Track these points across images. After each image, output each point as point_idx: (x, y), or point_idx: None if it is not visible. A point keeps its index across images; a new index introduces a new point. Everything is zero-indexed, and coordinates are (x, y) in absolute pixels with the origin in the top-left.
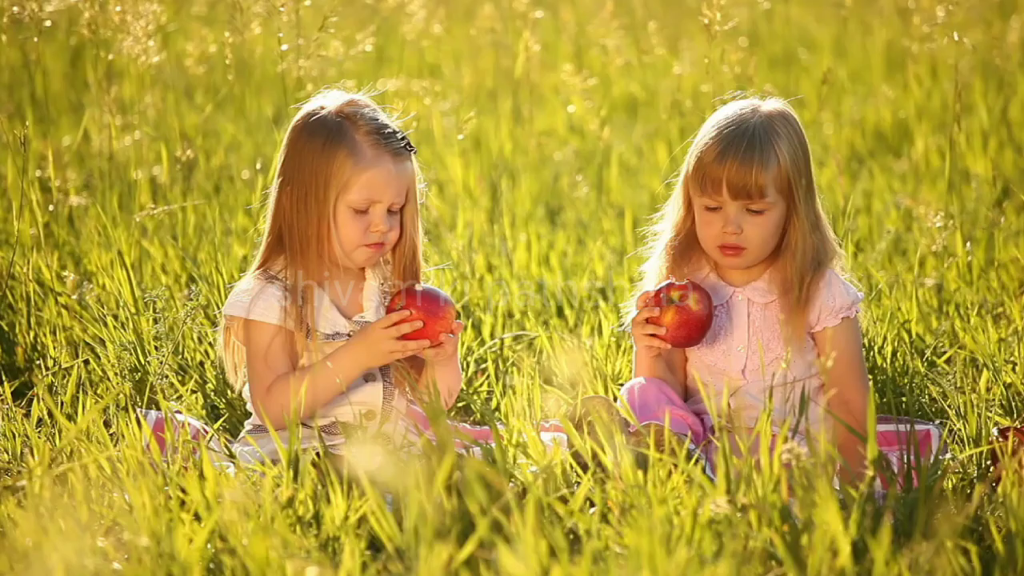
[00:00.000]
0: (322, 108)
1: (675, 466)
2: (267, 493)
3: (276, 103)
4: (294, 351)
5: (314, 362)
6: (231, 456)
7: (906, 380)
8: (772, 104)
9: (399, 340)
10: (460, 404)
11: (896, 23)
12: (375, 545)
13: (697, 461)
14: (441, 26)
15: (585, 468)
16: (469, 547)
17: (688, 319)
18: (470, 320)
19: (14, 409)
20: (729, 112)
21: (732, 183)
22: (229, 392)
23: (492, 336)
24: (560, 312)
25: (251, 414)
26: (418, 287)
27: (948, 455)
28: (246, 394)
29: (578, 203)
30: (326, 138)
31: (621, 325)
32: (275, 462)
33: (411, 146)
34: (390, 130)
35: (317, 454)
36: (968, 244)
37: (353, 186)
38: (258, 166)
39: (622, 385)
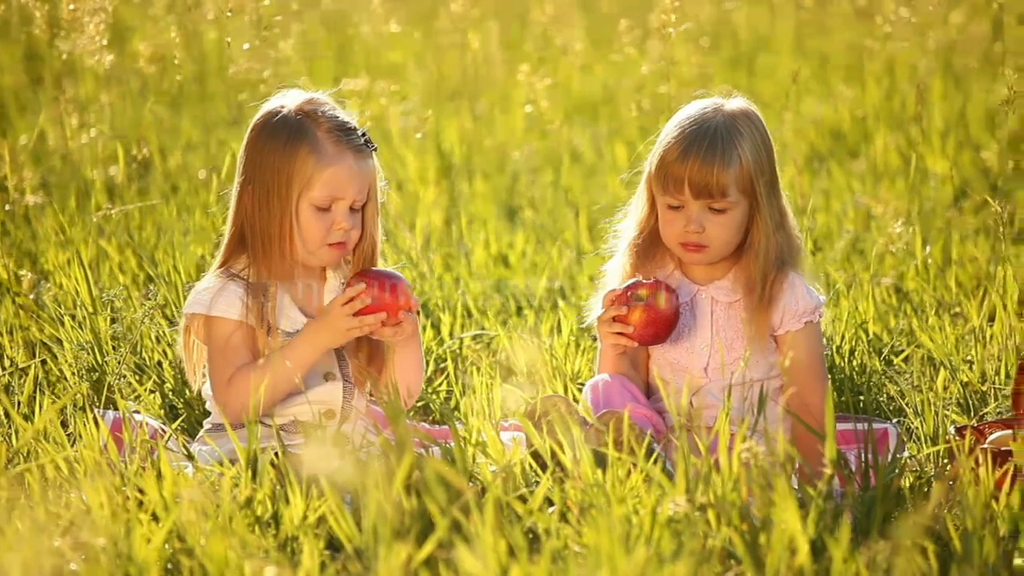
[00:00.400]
0: (282, 107)
1: (634, 465)
2: (225, 493)
3: (232, 103)
4: (255, 347)
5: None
6: (189, 456)
7: (864, 379)
8: (736, 103)
9: (356, 317)
10: (419, 404)
11: (855, 23)
12: (334, 545)
13: (657, 459)
14: (400, 26)
15: (544, 467)
16: (428, 547)
17: (656, 318)
18: (429, 320)
19: None
20: (692, 111)
21: (694, 182)
22: (187, 392)
23: (451, 335)
24: (519, 311)
25: (209, 414)
26: (373, 269)
27: (906, 454)
28: (205, 393)
29: (537, 202)
30: (287, 136)
31: (583, 324)
32: (233, 462)
33: (372, 143)
34: (351, 127)
35: (276, 454)
36: (928, 247)
37: (315, 183)
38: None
39: (582, 384)
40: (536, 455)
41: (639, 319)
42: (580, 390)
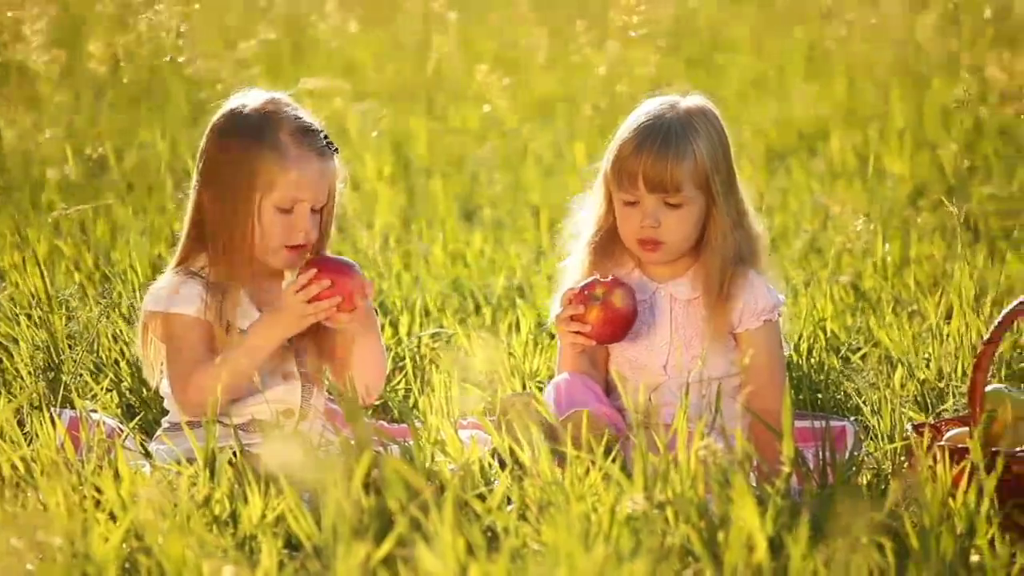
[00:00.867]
0: (243, 107)
1: (593, 463)
2: (183, 492)
3: (186, 102)
4: (213, 345)
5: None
6: (147, 455)
7: (822, 377)
8: (692, 100)
9: (311, 303)
10: (378, 402)
11: (817, 23)
12: (292, 544)
13: (615, 458)
14: (359, 25)
15: (504, 465)
16: (387, 545)
17: (613, 316)
18: (387, 319)
19: None
20: (648, 107)
21: (648, 176)
22: (145, 391)
23: (409, 334)
24: (477, 310)
25: (167, 412)
26: (324, 256)
27: (863, 451)
28: (163, 392)
29: (495, 202)
30: (249, 137)
31: (542, 325)
32: (191, 460)
33: (333, 145)
34: (313, 129)
35: (234, 453)
36: (887, 245)
37: (278, 185)
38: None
39: (540, 382)
40: (496, 453)
41: (596, 318)
42: (539, 388)
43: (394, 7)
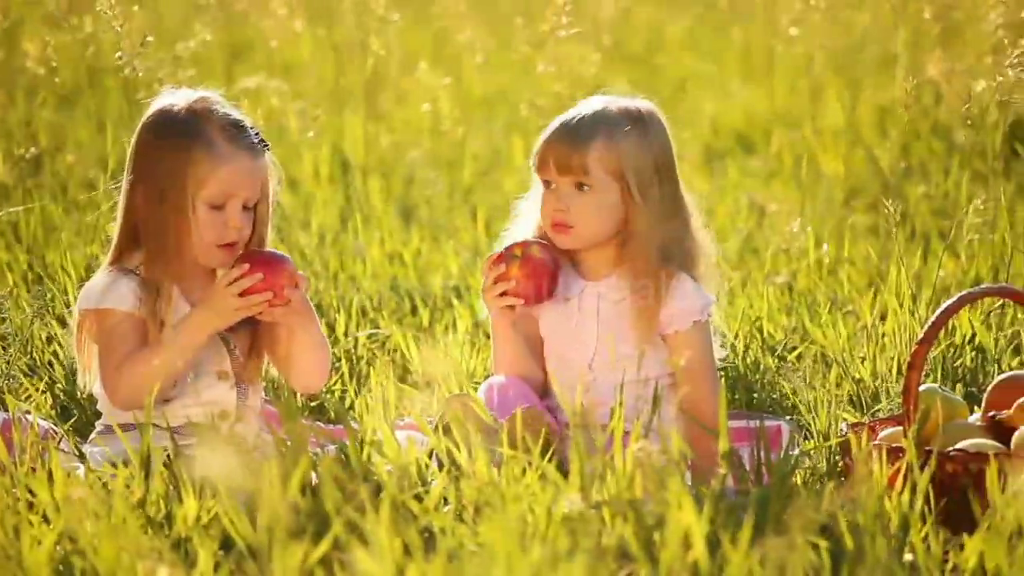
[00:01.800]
0: (173, 105)
1: (529, 463)
2: (118, 494)
3: (121, 102)
4: (147, 342)
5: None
6: (81, 457)
7: (757, 376)
8: (631, 100)
9: (242, 297)
10: (313, 404)
11: (758, 21)
12: (228, 545)
13: (552, 457)
14: (301, 24)
15: (441, 466)
16: (323, 546)
17: (535, 269)
18: (324, 319)
19: None
20: (580, 102)
21: (556, 157)
22: (79, 393)
23: (346, 334)
24: (414, 310)
25: (101, 414)
26: (256, 250)
27: (799, 451)
28: (96, 392)
29: (433, 201)
30: (180, 135)
31: (479, 326)
32: (126, 462)
33: (265, 142)
34: (244, 125)
35: (169, 454)
36: (825, 246)
37: (209, 182)
38: (105, 166)
39: (477, 383)
40: (433, 454)
41: (518, 272)
42: (475, 389)
43: (333, 6)
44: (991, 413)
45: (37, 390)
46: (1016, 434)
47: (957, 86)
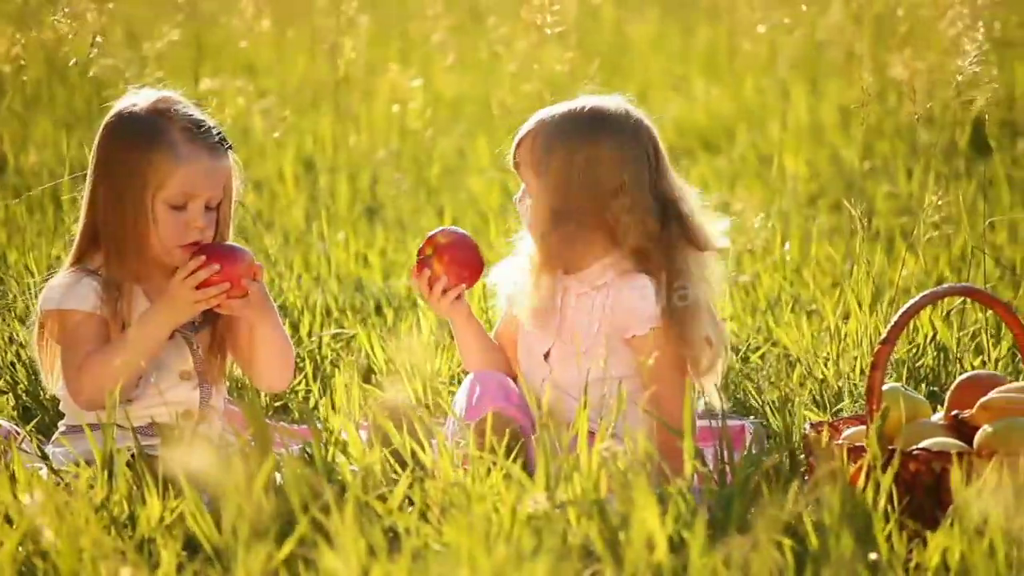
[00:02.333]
0: (135, 105)
1: (494, 463)
2: (81, 494)
3: (86, 101)
4: (108, 341)
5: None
6: (44, 457)
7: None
8: (601, 99)
9: (200, 289)
10: (278, 404)
11: (725, 21)
12: (192, 546)
13: (517, 457)
14: (269, 23)
15: (405, 466)
16: (288, 546)
17: (452, 254)
18: (287, 320)
19: None
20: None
21: (514, 155)
22: (41, 393)
23: (310, 335)
24: (379, 310)
25: (64, 415)
26: (212, 243)
27: (763, 450)
28: (59, 393)
29: (399, 201)
30: (141, 135)
31: (443, 326)
32: (89, 463)
33: (227, 142)
34: (206, 126)
35: (132, 455)
36: (787, 244)
37: (169, 182)
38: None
39: (441, 382)
40: (396, 454)
41: (441, 266)
42: (441, 386)
43: (304, 6)
44: (954, 412)
45: None
46: (978, 433)
47: (920, 86)
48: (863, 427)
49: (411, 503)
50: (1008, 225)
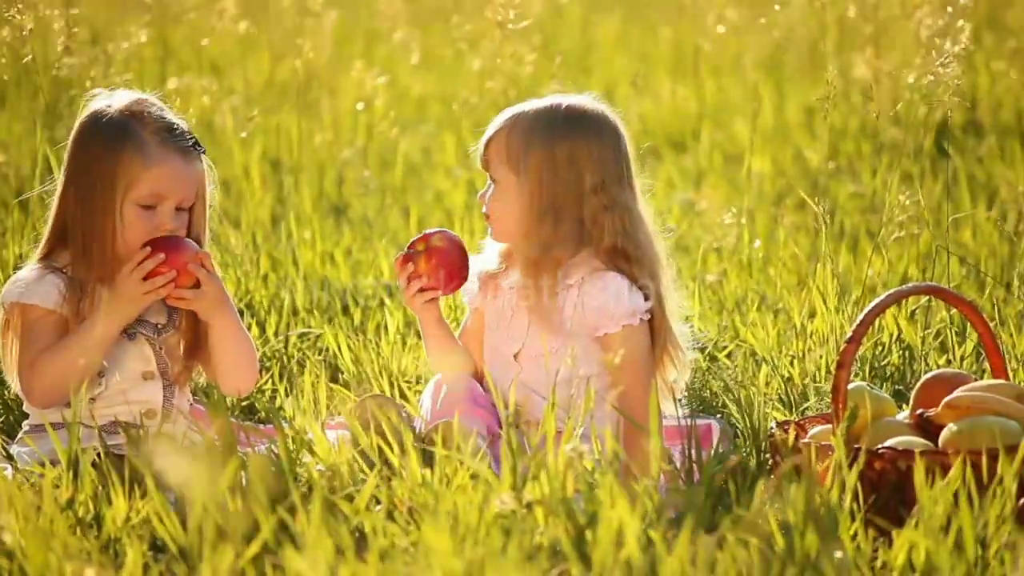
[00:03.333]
0: (108, 107)
1: (461, 463)
2: (46, 494)
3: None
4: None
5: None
6: (9, 457)
7: (688, 375)
8: (568, 95)
9: (147, 280)
10: (244, 403)
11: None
12: (158, 546)
13: (484, 456)
14: (234, 22)
15: (372, 466)
16: (254, 547)
17: (440, 258)
18: (254, 319)
19: None
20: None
21: (479, 153)
22: (6, 392)
23: (276, 334)
24: (346, 310)
25: (28, 415)
26: (159, 237)
27: (729, 449)
28: (21, 392)
29: (365, 200)
30: (113, 137)
31: (410, 325)
32: (54, 463)
33: (200, 146)
34: (179, 129)
35: (98, 454)
36: (757, 242)
37: (139, 183)
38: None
39: (408, 382)
40: (364, 454)
41: (426, 266)
42: (407, 386)
43: (269, 4)
44: (919, 411)
45: None
46: (944, 432)
47: (885, 85)
48: (829, 426)
49: (378, 503)
50: (972, 223)
